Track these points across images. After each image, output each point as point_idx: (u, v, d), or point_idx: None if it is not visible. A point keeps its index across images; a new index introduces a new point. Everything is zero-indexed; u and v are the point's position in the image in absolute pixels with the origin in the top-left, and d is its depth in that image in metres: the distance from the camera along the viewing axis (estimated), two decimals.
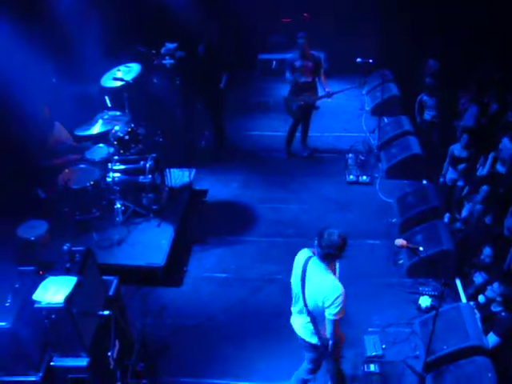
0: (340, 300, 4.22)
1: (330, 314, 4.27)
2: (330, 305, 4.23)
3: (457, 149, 8.04)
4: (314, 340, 4.60)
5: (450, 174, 8.23)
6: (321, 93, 8.86)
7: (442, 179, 8.38)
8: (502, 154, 7.65)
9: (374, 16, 11.13)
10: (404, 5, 10.60)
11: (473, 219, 7.25)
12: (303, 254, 4.54)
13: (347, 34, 11.32)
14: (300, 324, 4.69)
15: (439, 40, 10.26)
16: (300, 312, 4.62)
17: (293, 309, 4.74)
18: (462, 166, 8.02)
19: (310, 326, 4.56)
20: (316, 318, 4.46)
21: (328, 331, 4.39)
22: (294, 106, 8.83)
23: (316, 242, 4.29)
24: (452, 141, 8.50)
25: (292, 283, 4.59)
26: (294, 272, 4.57)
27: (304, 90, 8.65)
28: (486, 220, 7.11)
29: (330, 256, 4.28)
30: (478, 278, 6.40)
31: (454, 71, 9.86)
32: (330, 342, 4.49)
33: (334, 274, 4.44)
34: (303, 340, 4.70)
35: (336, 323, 4.31)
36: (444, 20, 10.17)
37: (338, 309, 4.23)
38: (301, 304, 4.53)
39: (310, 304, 4.43)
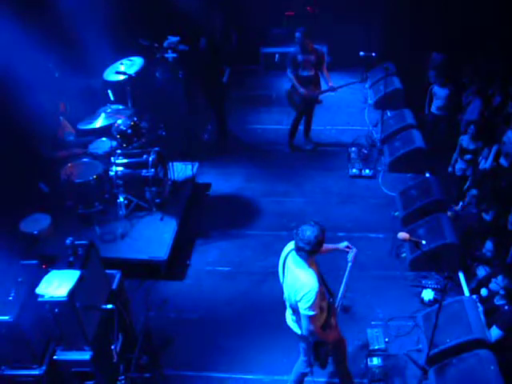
0: (310, 296, 4.15)
1: (301, 308, 4.23)
2: (301, 299, 4.19)
3: (465, 140, 8.02)
4: (299, 331, 4.59)
5: (460, 164, 8.19)
6: (324, 87, 8.83)
7: (450, 169, 8.36)
8: (505, 147, 7.58)
9: (376, 9, 11.07)
10: None
11: (470, 207, 7.28)
12: (288, 247, 4.52)
13: (350, 27, 11.27)
14: (288, 314, 4.71)
15: (442, 32, 10.19)
16: (286, 302, 4.64)
17: None
18: (468, 157, 8.00)
19: (294, 317, 4.58)
20: (294, 309, 4.45)
21: (303, 326, 4.36)
22: (297, 100, 8.81)
23: (294, 235, 4.26)
24: (457, 133, 8.47)
25: (279, 274, 4.60)
26: (279, 264, 4.57)
27: (307, 83, 8.61)
28: (487, 214, 7.09)
29: (302, 250, 4.20)
30: (481, 272, 6.39)
31: (457, 64, 9.81)
32: (310, 339, 4.47)
33: (314, 268, 4.34)
34: (293, 331, 4.70)
35: (312, 319, 4.24)
36: (447, 12, 10.12)
37: (308, 304, 4.16)
38: (284, 295, 4.57)
39: (287, 296, 4.46)
